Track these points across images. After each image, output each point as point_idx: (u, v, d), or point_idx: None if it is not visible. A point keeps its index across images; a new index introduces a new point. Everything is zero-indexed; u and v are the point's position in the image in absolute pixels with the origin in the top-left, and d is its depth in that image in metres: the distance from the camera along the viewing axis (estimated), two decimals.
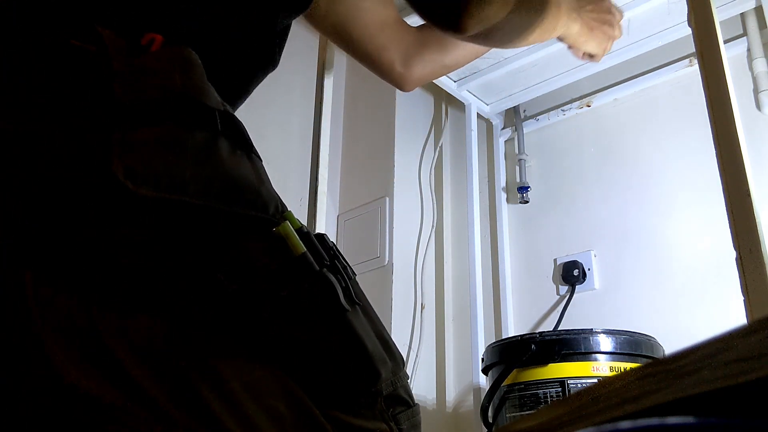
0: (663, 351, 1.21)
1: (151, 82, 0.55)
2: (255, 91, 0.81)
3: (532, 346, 1.16)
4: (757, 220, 0.79)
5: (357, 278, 0.61)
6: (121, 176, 0.49)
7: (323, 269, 0.54)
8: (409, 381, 0.61)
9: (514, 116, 1.86)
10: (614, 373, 1.14)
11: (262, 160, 0.60)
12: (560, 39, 0.97)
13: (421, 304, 1.74)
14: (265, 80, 0.78)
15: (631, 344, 1.16)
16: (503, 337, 1.57)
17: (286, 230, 0.54)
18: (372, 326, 0.58)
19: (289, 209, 0.58)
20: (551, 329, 1.52)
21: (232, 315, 0.51)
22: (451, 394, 1.70)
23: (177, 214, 0.51)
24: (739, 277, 0.78)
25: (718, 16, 0.91)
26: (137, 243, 0.51)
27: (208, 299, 0.51)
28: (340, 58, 2.02)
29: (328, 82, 1.53)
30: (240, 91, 0.72)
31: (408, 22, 1.01)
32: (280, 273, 0.53)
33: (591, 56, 1.06)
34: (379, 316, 0.61)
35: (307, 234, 0.56)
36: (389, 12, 0.99)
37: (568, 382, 1.13)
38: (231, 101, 0.65)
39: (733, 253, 0.79)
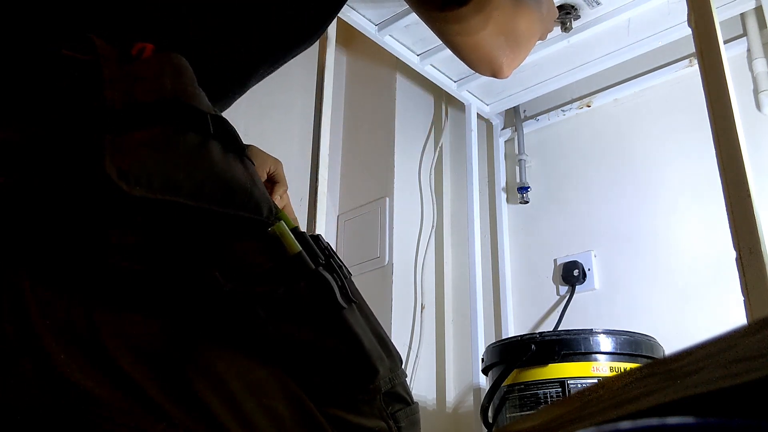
0: (663, 351, 1.21)
1: (141, 87, 0.55)
2: (256, 92, 0.81)
3: (532, 346, 1.16)
4: (757, 220, 0.79)
5: (356, 278, 0.61)
6: (114, 177, 0.49)
7: (319, 268, 0.55)
8: (407, 379, 0.61)
9: (514, 116, 1.86)
10: (614, 373, 1.14)
11: (254, 164, 0.61)
12: None
13: (421, 304, 1.74)
14: (265, 82, 0.78)
15: (631, 344, 1.16)
16: (503, 337, 1.57)
17: (281, 230, 0.54)
18: (368, 324, 0.58)
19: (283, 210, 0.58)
20: (551, 329, 1.52)
21: (229, 314, 0.51)
22: (451, 395, 1.70)
23: (170, 215, 0.51)
24: (739, 277, 0.78)
25: (718, 16, 0.91)
26: (131, 245, 0.51)
27: (205, 299, 0.51)
28: (340, 59, 2.02)
29: (328, 83, 1.53)
30: (230, 95, 0.73)
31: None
32: (275, 272, 0.53)
33: None
34: (379, 316, 0.62)
35: (302, 234, 0.56)
36: None
37: (568, 382, 1.13)
38: (220, 104, 0.66)
39: (733, 253, 0.79)
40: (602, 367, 1.14)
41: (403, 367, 0.62)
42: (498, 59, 0.85)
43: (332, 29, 1.54)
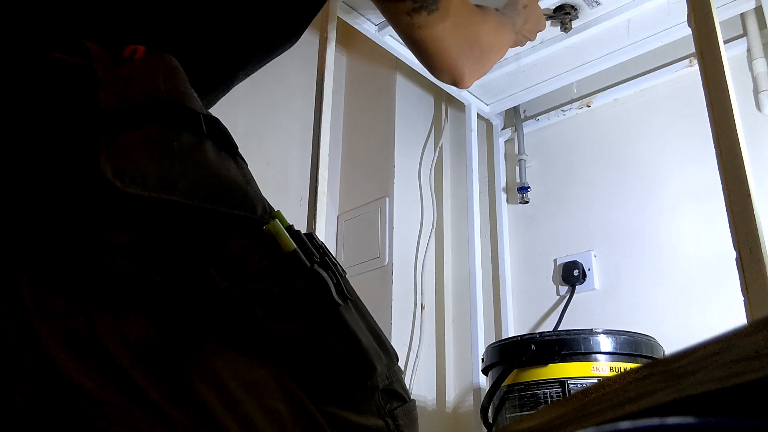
0: (663, 351, 1.21)
1: (135, 88, 0.56)
2: (256, 92, 0.82)
3: (532, 346, 1.16)
4: (757, 220, 0.79)
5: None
6: (110, 176, 0.50)
7: (314, 265, 0.55)
8: (403, 376, 0.62)
9: (514, 116, 1.86)
10: (614, 373, 1.14)
11: (247, 164, 0.61)
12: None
13: (421, 304, 1.74)
14: (266, 82, 0.79)
15: (631, 344, 1.16)
16: (503, 337, 1.57)
17: (276, 228, 0.55)
18: (365, 322, 0.58)
19: (278, 210, 0.59)
20: (551, 329, 1.52)
21: (226, 313, 0.52)
22: (451, 395, 1.70)
23: (165, 213, 0.52)
24: (739, 277, 0.78)
25: (718, 16, 0.91)
26: (127, 244, 0.51)
27: (201, 297, 0.51)
28: (340, 60, 2.02)
29: (328, 84, 1.52)
30: (217, 91, 0.75)
31: None
32: (271, 270, 0.53)
33: None
34: (379, 316, 0.62)
35: (297, 232, 0.57)
36: None
37: (568, 382, 1.13)
38: (207, 99, 0.67)
39: (733, 253, 0.79)
40: (602, 367, 1.14)
41: (402, 366, 0.62)
42: (461, 68, 0.87)
43: (332, 29, 1.55)
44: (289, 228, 0.56)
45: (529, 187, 1.74)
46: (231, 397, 0.49)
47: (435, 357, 1.73)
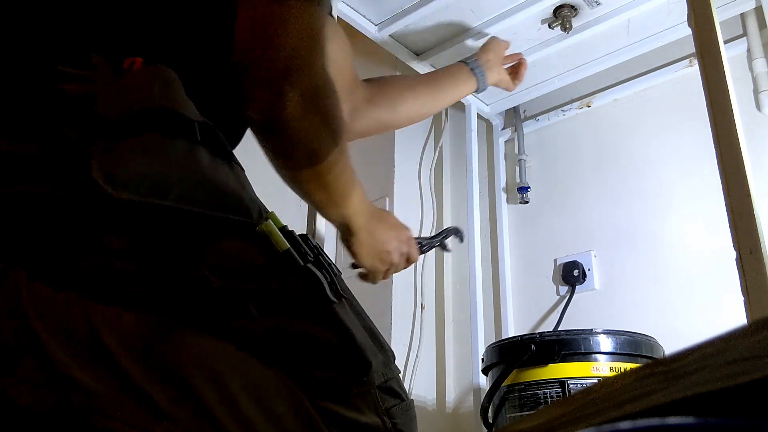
0: (663, 351, 1.21)
1: (131, 97, 0.57)
2: None
3: (532, 346, 1.16)
4: (757, 220, 0.79)
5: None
6: (101, 182, 0.51)
7: (307, 264, 0.56)
8: (405, 379, 0.63)
9: (514, 116, 1.86)
10: (614, 373, 1.14)
11: (243, 169, 0.62)
12: (343, 234, 0.83)
13: (421, 304, 1.74)
14: None
15: (631, 345, 1.16)
16: (503, 338, 1.57)
17: (269, 228, 0.56)
18: (359, 320, 0.59)
19: (272, 211, 0.60)
20: (551, 329, 1.52)
21: (222, 311, 0.52)
22: (451, 395, 1.70)
23: (159, 218, 0.53)
24: (739, 277, 0.78)
25: (718, 16, 0.91)
26: (124, 246, 0.52)
27: (196, 295, 0.52)
28: None
29: None
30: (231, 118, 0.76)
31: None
32: (266, 268, 0.55)
33: (363, 275, 0.91)
34: (379, 316, 0.64)
35: (290, 232, 0.58)
36: (342, 63, 1.01)
37: (568, 382, 1.13)
38: (230, 137, 0.68)
39: (733, 253, 0.79)
40: (602, 367, 1.14)
41: (402, 367, 0.63)
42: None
43: None
44: (283, 228, 0.58)
45: (529, 187, 1.74)
46: (233, 399, 0.50)
47: (435, 357, 1.73)
